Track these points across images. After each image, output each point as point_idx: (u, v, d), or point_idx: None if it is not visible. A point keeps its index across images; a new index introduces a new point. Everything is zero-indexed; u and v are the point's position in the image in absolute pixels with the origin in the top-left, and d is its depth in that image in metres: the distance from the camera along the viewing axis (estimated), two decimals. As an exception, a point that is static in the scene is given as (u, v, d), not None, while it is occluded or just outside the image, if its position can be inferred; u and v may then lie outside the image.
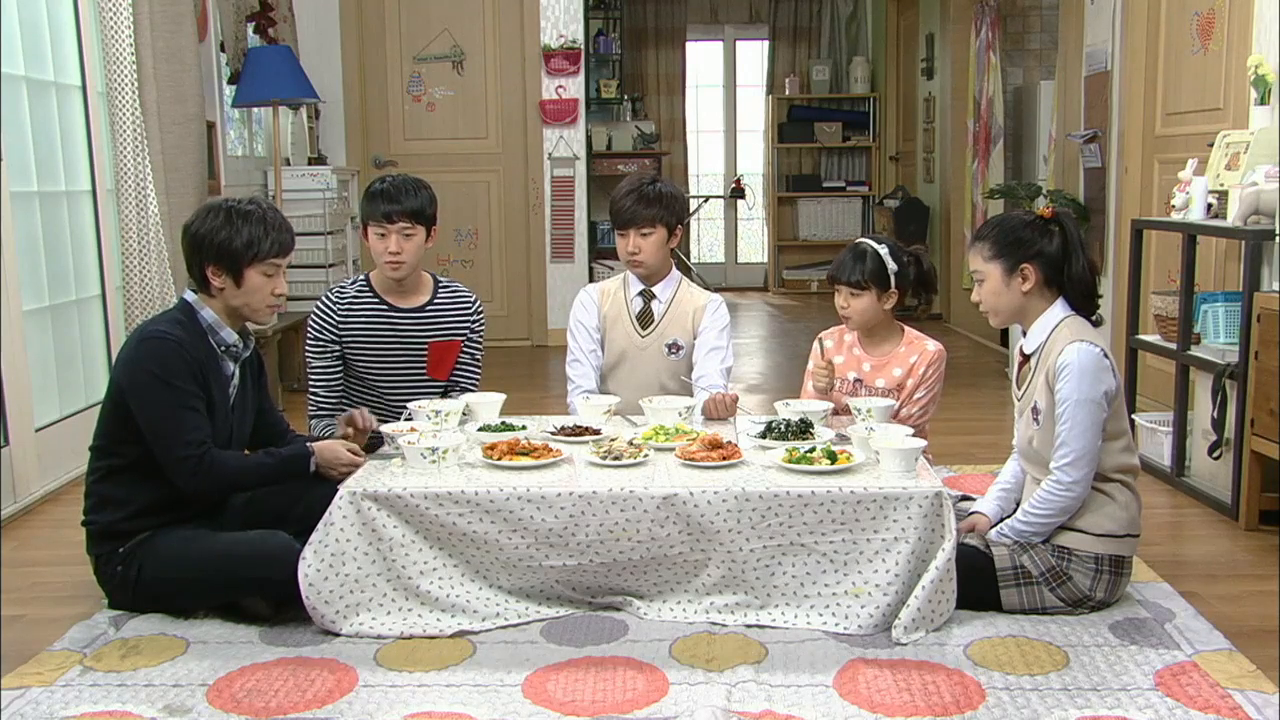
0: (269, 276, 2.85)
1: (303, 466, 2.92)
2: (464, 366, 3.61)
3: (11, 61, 4.00)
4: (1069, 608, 2.80)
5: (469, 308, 3.59)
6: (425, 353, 3.50)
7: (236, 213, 2.82)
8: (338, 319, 3.46)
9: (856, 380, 3.48)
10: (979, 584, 2.77)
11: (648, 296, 3.65)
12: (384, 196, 3.37)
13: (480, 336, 3.63)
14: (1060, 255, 2.83)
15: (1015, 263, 2.83)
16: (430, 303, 3.52)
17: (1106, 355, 2.78)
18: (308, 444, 2.93)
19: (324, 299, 3.50)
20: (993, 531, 2.90)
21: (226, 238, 2.80)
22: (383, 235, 3.38)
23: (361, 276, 3.56)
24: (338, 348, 3.47)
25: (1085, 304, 2.87)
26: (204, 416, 2.78)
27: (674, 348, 3.63)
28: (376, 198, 3.39)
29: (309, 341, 3.50)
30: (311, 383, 3.49)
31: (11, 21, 4.01)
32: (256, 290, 2.85)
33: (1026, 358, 2.93)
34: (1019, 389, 2.97)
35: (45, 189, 4.21)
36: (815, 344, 3.60)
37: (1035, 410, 2.84)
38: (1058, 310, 2.85)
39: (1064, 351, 2.75)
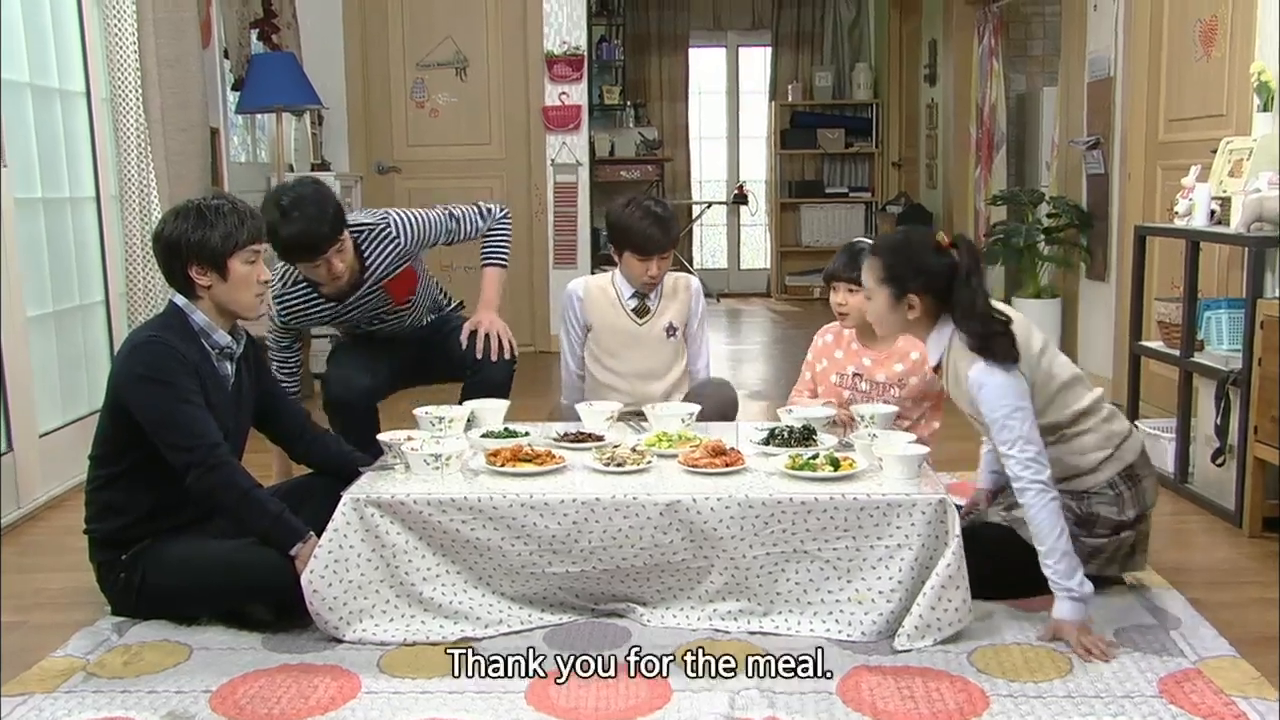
0: (251, 264, 2.85)
1: (289, 541, 2.76)
2: (464, 239, 3.68)
3: (16, 68, 4.01)
4: (1116, 537, 2.84)
5: (398, 241, 3.52)
6: (387, 295, 3.57)
7: (207, 208, 2.82)
8: (290, 320, 3.56)
9: (856, 374, 3.50)
10: (1018, 557, 2.75)
11: (641, 296, 3.80)
12: (294, 226, 3.20)
13: (433, 230, 3.59)
14: (948, 287, 2.72)
15: (902, 292, 2.77)
16: (365, 263, 3.48)
17: (1008, 349, 2.67)
18: (309, 532, 2.78)
19: (273, 313, 3.53)
20: (1059, 605, 2.67)
21: (204, 235, 2.79)
22: (318, 265, 3.32)
23: (291, 269, 3.46)
24: (296, 339, 3.62)
25: (980, 341, 2.68)
26: (207, 412, 2.77)
27: (671, 330, 3.80)
28: (288, 228, 3.20)
29: (271, 341, 3.62)
30: (279, 369, 3.60)
31: (16, 28, 4.02)
32: (243, 280, 2.84)
33: (936, 369, 2.92)
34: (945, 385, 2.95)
35: (49, 195, 4.21)
36: (816, 339, 3.65)
37: (971, 417, 2.85)
38: (945, 329, 2.79)
39: (970, 377, 2.69)
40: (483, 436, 3.12)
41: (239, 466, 2.82)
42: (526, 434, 3.14)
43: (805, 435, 3.08)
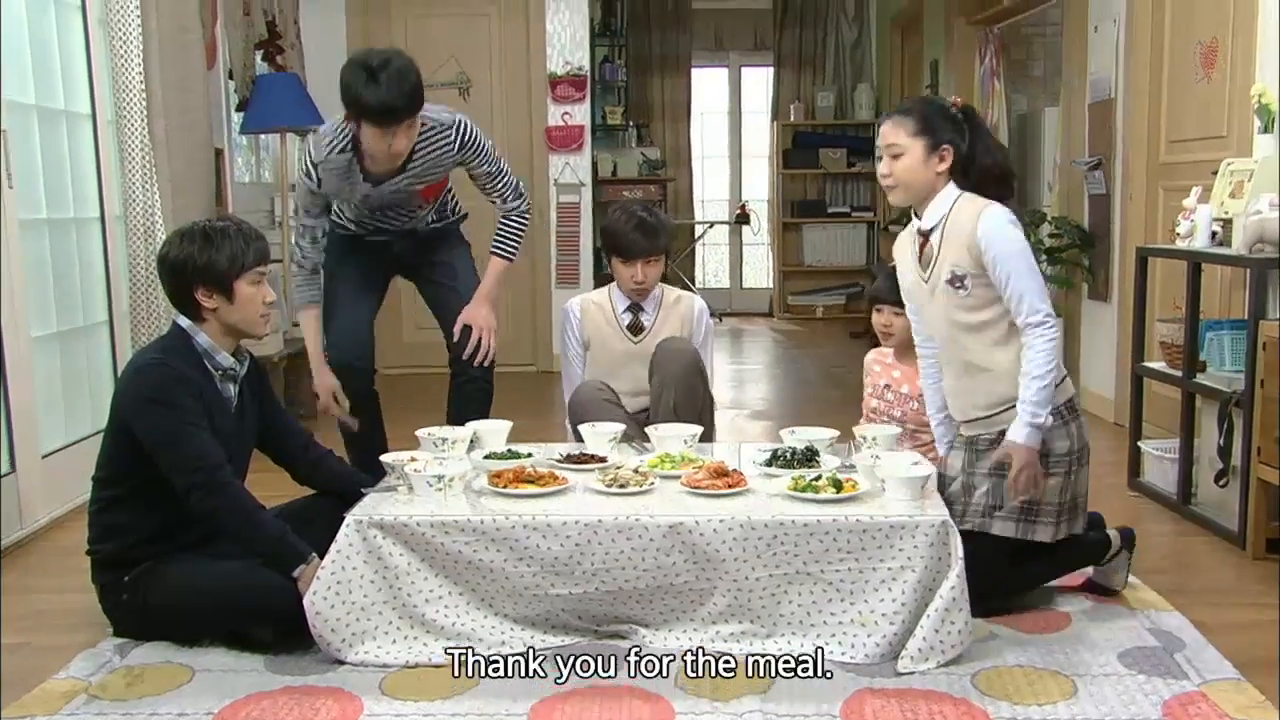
0: (256, 284, 2.88)
1: (291, 563, 2.77)
2: (489, 192, 3.71)
3: (23, 90, 4.03)
4: (1077, 470, 2.93)
5: (450, 148, 3.55)
6: (416, 195, 3.64)
7: (212, 231, 2.85)
8: (322, 185, 3.54)
9: (886, 386, 3.63)
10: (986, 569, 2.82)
11: (636, 310, 3.82)
12: (379, 90, 3.23)
13: (482, 161, 3.63)
14: (969, 144, 2.94)
15: (937, 143, 2.91)
16: (411, 157, 3.50)
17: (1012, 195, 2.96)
18: (311, 554, 2.78)
19: (308, 170, 3.51)
20: (1019, 430, 2.85)
21: (210, 258, 2.82)
22: (385, 135, 3.32)
23: (347, 141, 3.46)
24: (325, 207, 3.63)
25: (999, 189, 2.95)
26: (210, 434, 2.79)
27: None
28: (373, 91, 3.22)
29: (300, 204, 3.63)
30: (301, 235, 3.63)
31: (23, 51, 4.04)
32: (249, 301, 2.87)
33: (925, 237, 2.98)
34: (925, 270, 3.01)
35: (54, 216, 4.23)
36: (868, 362, 3.78)
37: (957, 279, 2.90)
38: (953, 189, 2.95)
39: (981, 220, 2.85)
40: (485, 458, 3.12)
41: (242, 489, 2.83)
42: (529, 455, 3.14)
43: (808, 457, 3.08)
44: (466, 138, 3.57)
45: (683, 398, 3.60)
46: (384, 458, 3.05)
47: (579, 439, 3.36)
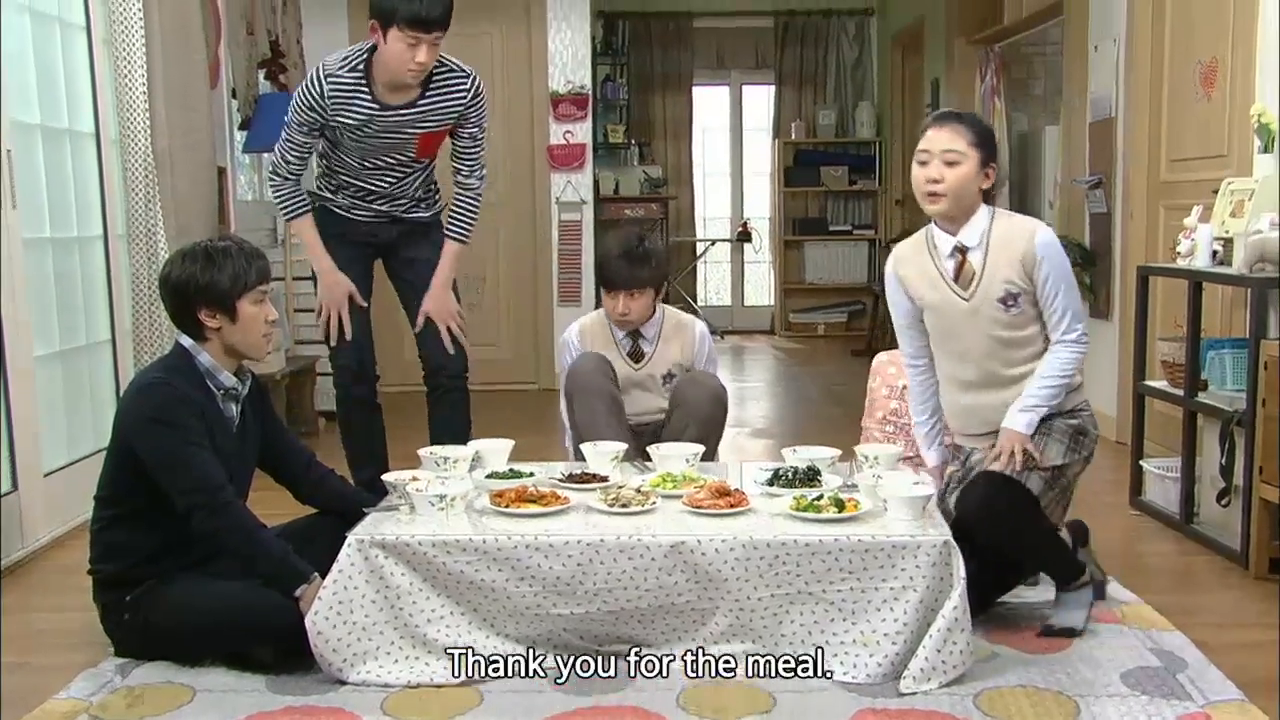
0: (259, 304, 2.88)
1: (293, 583, 2.77)
2: (461, 158, 3.69)
3: (28, 110, 4.05)
4: (1091, 455, 3.01)
5: (463, 96, 3.60)
6: (414, 142, 3.60)
7: (214, 251, 2.86)
8: (327, 105, 3.51)
9: (904, 386, 3.60)
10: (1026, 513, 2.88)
11: (636, 335, 3.77)
12: (422, 2, 3.29)
13: (479, 120, 3.66)
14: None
15: (988, 158, 2.98)
16: (424, 93, 3.53)
17: None
18: (313, 574, 2.78)
19: (314, 82, 3.50)
20: (1019, 417, 2.92)
21: (212, 278, 2.82)
22: (412, 45, 3.35)
23: (361, 61, 3.50)
24: (319, 129, 3.58)
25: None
26: (212, 455, 2.79)
27: (668, 378, 3.74)
28: (414, 2, 3.29)
29: (294, 120, 3.57)
30: (288, 150, 3.62)
31: (27, 70, 4.06)
32: (252, 320, 2.87)
33: (964, 255, 2.98)
34: (965, 289, 2.99)
35: (57, 235, 4.24)
36: (880, 363, 3.83)
37: (1011, 297, 2.94)
38: (986, 207, 3.01)
39: (1038, 234, 2.95)
40: (487, 477, 3.12)
41: (243, 509, 2.83)
42: (531, 474, 3.14)
43: (809, 476, 3.08)
44: (479, 91, 3.65)
45: (700, 432, 3.59)
46: (385, 477, 3.05)
47: (572, 412, 3.33)
